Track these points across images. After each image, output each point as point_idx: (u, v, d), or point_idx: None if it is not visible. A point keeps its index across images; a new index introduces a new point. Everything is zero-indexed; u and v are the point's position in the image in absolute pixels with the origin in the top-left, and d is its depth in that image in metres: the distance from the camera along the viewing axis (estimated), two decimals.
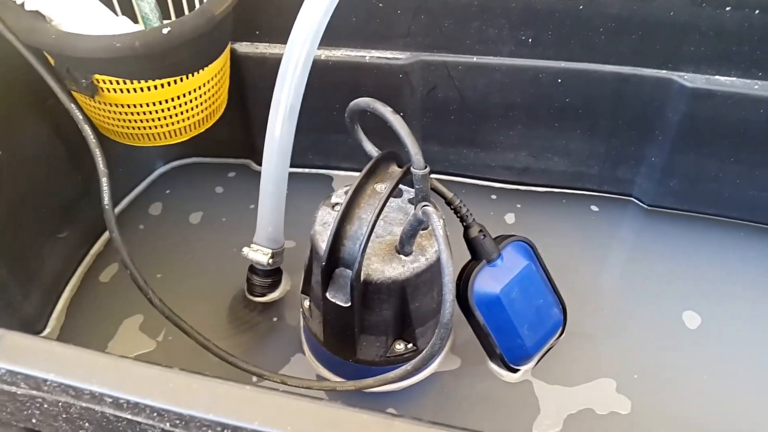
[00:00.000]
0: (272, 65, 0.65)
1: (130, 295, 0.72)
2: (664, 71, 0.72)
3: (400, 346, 0.60)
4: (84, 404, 0.33)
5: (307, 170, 0.88)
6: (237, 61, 0.75)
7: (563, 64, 0.73)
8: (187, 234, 0.80)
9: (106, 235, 0.79)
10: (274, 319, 0.72)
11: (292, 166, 0.62)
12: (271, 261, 0.67)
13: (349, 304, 0.54)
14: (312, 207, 0.62)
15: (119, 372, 0.31)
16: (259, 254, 0.67)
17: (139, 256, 0.64)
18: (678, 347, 0.70)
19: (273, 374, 0.62)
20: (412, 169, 0.53)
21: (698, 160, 0.77)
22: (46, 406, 0.38)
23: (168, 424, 0.30)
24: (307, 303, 0.63)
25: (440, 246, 0.49)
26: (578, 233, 0.80)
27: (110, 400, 0.31)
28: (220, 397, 0.29)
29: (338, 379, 0.65)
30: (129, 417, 0.32)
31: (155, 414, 0.30)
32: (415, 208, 0.53)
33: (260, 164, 0.87)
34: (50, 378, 0.31)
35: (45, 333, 0.70)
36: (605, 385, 0.66)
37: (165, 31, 0.55)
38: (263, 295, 0.72)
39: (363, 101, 0.56)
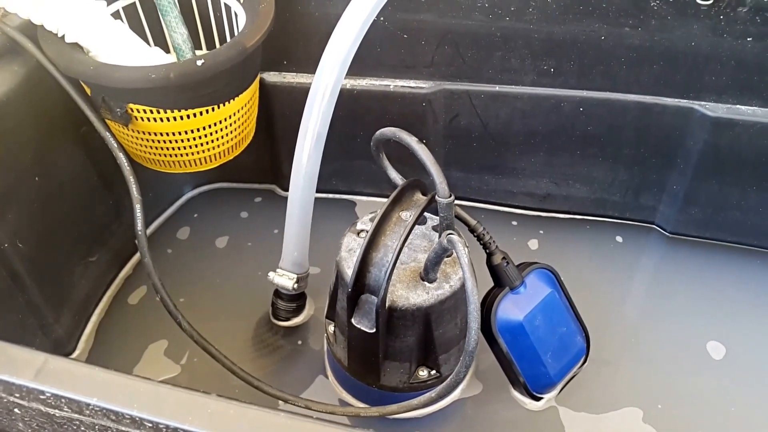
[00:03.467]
0: (299, 94, 0.67)
1: (156, 318, 0.74)
2: (685, 100, 0.72)
3: (423, 373, 0.61)
4: (123, 428, 0.34)
5: (331, 195, 0.89)
6: (265, 90, 0.77)
7: (585, 93, 0.74)
8: (213, 258, 0.82)
9: (135, 258, 0.81)
10: (299, 342, 0.73)
11: (316, 191, 0.63)
12: (296, 285, 0.68)
13: (374, 330, 0.55)
14: (335, 232, 0.63)
15: (159, 397, 0.32)
16: (284, 279, 0.68)
17: (166, 280, 0.65)
18: (703, 378, 0.69)
19: (298, 399, 0.63)
20: (437, 197, 0.54)
21: (720, 188, 0.77)
22: (83, 429, 0.39)
23: None
24: (331, 328, 0.63)
25: (465, 274, 0.50)
26: (600, 260, 0.81)
27: (150, 425, 0.32)
28: (257, 424, 0.30)
29: (361, 405, 0.66)
30: None
31: None
32: (439, 236, 0.54)
33: (285, 190, 0.89)
34: (93, 402, 0.32)
35: (74, 355, 0.71)
36: (631, 414, 0.66)
37: (199, 62, 0.57)
38: (288, 319, 0.73)
39: (388, 130, 0.58)
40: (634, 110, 0.74)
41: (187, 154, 0.66)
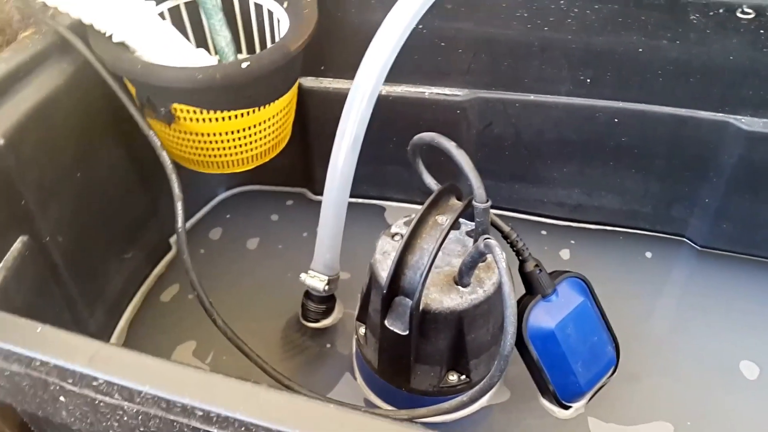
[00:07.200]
0: (335, 100, 0.68)
1: (187, 317, 0.75)
2: (721, 114, 0.72)
3: (453, 378, 0.61)
4: (172, 417, 0.34)
5: (361, 200, 0.90)
6: (301, 95, 0.78)
7: (621, 105, 0.74)
8: (244, 259, 0.83)
9: (168, 256, 0.82)
10: (327, 345, 0.74)
11: None
12: (327, 287, 0.68)
13: (408, 332, 0.55)
14: (365, 237, 0.64)
15: (211, 386, 0.32)
16: (315, 280, 0.68)
17: (199, 279, 0.66)
18: (736, 397, 0.68)
19: (326, 399, 0.63)
20: (473, 202, 0.55)
21: (753, 203, 0.76)
22: (126, 418, 0.40)
23: None
24: (362, 330, 0.64)
25: (503, 278, 0.50)
26: (631, 272, 0.80)
27: (200, 413, 0.32)
28: (307, 414, 0.31)
29: (389, 407, 0.66)
30: (215, 431, 0.33)
31: (243, 428, 0.31)
32: (475, 241, 0.55)
33: (316, 194, 0.90)
34: (145, 390, 0.33)
35: None
36: (662, 429, 0.65)
37: (244, 65, 0.58)
38: (317, 320, 0.74)
39: (427, 135, 0.58)
40: (669, 123, 0.74)
41: (225, 155, 0.67)
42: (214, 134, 0.63)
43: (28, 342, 0.35)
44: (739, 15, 0.64)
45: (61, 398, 0.41)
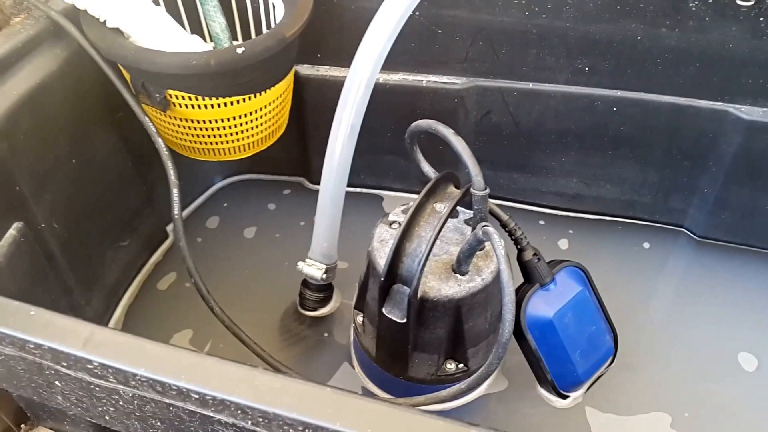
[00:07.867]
0: (332, 87, 0.68)
1: (183, 305, 0.74)
2: (720, 103, 0.72)
3: (451, 366, 0.61)
4: (168, 401, 0.34)
5: (358, 190, 0.89)
6: (298, 83, 0.78)
7: (619, 93, 0.73)
8: (241, 248, 0.82)
9: (165, 245, 0.82)
10: (325, 334, 0.73)
11: None
12: (324, 276, 0.68)
13: (405, 320, 0.55)
14: (362, 226, 0.63)
15: (207, 370, 0.32)
16: (313, 269, 0.68)
17: (196, 267, 0.65)
18: (734, 389, 0.68)
19: (324, 386, 0.63)
20: (472, 190, 0.54)
21: (752, 192, 0.76)
22: (121, 403, 0.40)
23: (250, 423, 0.31)
24: (360, 319, 0.63)
25: (501, 265, 0.50)
26: (629, 262, 0.80)
27: (196, 396, 0.32)
28: (303, 397, 0.30)
29: (386, 395, 0.66)
30: (211, 414, 0.33)
31: (239, 411, 0.31)
32: (473, 228, 0.54)
33: (314, 182, 0.89)
34: (140, 373, 0.33)
35: None
36: (659, 419, 0.66)
37: (239, 51, 0.57)
38: (314, 309, 0.74)
39: (425, 122, 0.58)
40: (667, 111, 0.73)
41: (221, 143, 0.66)
42: (210, 121, 0.63)
43: (21, 325, 0.35)
44: (738, 2, 0.63)
45: (57, 382, 0.41)
